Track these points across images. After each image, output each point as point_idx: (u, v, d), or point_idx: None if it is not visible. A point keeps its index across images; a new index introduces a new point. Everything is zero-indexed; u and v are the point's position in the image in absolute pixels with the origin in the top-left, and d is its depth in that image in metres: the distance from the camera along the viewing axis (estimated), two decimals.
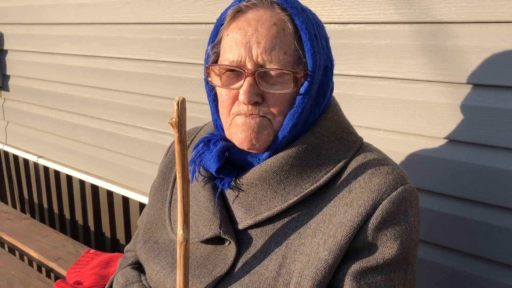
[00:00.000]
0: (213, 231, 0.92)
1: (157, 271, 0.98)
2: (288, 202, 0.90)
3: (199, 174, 0.97)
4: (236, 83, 0.90)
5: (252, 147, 0.92)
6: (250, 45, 0.87)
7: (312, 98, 0.91)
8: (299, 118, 0.90)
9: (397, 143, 1.35)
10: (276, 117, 0.90)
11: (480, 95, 1.19)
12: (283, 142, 0.91)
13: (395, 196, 0.87)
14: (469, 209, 1.23)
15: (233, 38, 0.89)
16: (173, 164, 1.12)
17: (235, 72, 0.90)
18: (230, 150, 0.94)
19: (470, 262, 1.25)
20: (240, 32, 0.88)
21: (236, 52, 0.88)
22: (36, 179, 3.10)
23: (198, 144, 0.98)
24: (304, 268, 0.85)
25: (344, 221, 0.86)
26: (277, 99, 0.89)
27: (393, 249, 0.86)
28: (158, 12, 2.01)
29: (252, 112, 0.89)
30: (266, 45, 0.87)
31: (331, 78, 0.96)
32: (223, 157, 0.93)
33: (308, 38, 0.88)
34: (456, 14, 1.19)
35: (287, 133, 0.90)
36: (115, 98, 2.31)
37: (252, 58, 0.87)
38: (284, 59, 0.87)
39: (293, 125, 0.90)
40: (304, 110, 0.90)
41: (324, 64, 0.93)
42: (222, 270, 0.91)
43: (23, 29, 2.83)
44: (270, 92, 0.88)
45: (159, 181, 1.13)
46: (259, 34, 0.87)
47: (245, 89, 0.87)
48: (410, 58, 1.28)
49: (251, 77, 0.87)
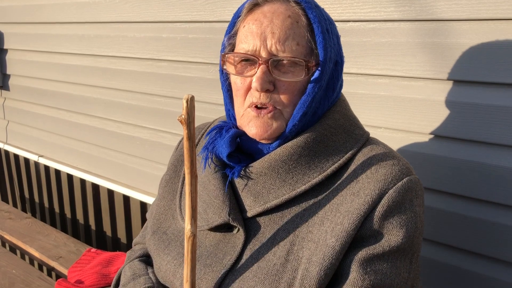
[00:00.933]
0: (222, 218, 0.94)
1: (167, 261, 1.00)
2: (296, 190, 0.92)
3: (212, 162, 1.00)
4: (250, 71, 0.94)
5: (263, 139, 0.96)
6: (265, 35, 0.91)
7: (322, 89, 0.94)
8: (309, 107, 0.93)
9: (397, 141, 1.35)
10: (287, 106, 0.93)
11: (481, 92, 1.19)
12: (293, 131, 0.94)
13: (400, 186, 0.89)
14: (471, 207, 1.23)
15: (249, 29, 0.94)
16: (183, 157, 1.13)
17: (249, 62, 0.94)
18: (242, 137, 0.97)
19: (472, 261, 1.25)
20: (256, 23, 0.93)
21: (252, 42, 0.92)
22: (37, 178, 3.10)
23: (211, 131, 1.02)
24: (312, 255, 0.87)
25: (351, 209, 0.88)
26: (288, 87, 0.92)
27: (399, 237, 0.87)
28: (159, 10, 2.00)
29: (264, 100, 0.92)
30: (280, 35, 0.91)
31: (341, 73, 0.99)
32: (235, 142, 0.96)
33: (320, 31, 0.92)
34: (456, 12, 1.19)
35: (297, 121, 0.93)
36: (116, 97, 2.31)
37: (266, 47, 0.91)
38: (297, 50, 0.91)
39: (303, 114, 0.93)
40: (314, 100, 0.93)
41: (334, 59, 0.96)
42: (232, 258, 0.93)
43: (23, 28, 2.83)
44: (282, 80, 0.92)
45: (170, 173, 1.15)
46: (274, 25, 0.91)
47: (258, 76, 0.91)
48: (411, 56, 1.28)
49: (265, 65, 0.91)
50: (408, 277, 0.90)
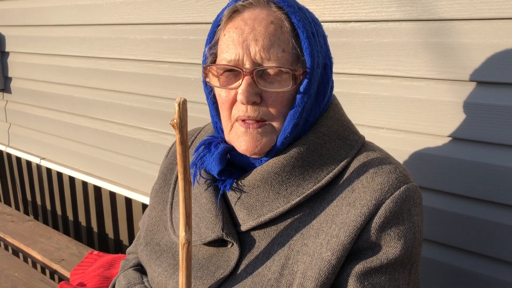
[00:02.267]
0: (215, 233, 0.91)
1: (158, 273, 0.98)
2: (290, 203, 0.89)
3: (200, 177, 0.97)
4: (234, 83, 0.89)
5: (254, 154, 0.92)
6: (248, 43, 0.86)
7: (312, 96, 0.91)
8: (300, 118, 0.89)
9: (400, 141, 1.34)
10: (276, 118, 0.89)
11: (484, 92, 1.18)
12: (285, 143, 0.90)
13: (398, 195, 0.86)
14: (474, 207, 1.23)
15: (230, 38, 0.88)
16: (173, 165, 1.11)
17: (233, 72, 0.89)
18: (232, 152, 0.94)
19: (476, 261, 1.24)
20: (237, 31, 0.88)
21: (234, 51, 0.87)
22: (39, 181, 3.10)
23: (199, 146, 0.98)
24: (307, 269, 0.84)
25: (347, 221, 0.85)
26: (276, 99, 0.88)
27: (397, 248, 0.85)
28: (159, 12, 2.00)
29: (252, 114, 0.88)
30: (264, 42, 0.86)
31: (331, 76, 0.95)
32: (225, 159, 0.93)
33: (306, 36, 0.87)
34: (458, 11, 1.18)
35: (288, 134, 0.89)
36: (117, 99, 2.30)
37: (250, 56, 0.86)
38: (282, 57, 0.86)
39: (294, 125, 0.89)
40: (304, 109, 0.89)
41: (323, 62, 0.92)
42: (224, 272, 0.90)
43: (25, 31, 2.83)
44: (269, 91, 0.87)
45: (160, 182, 1.12)
46: (257, 32, 0.86)
47: (243, 89, 0.86)
48: (413, 56, 1.28)
49: (249, 76, 0.87)
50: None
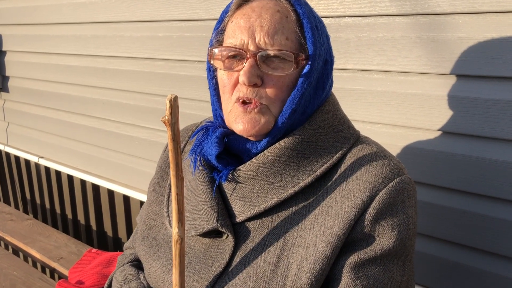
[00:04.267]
0: (210, 224, 0.92)
1: (156, 268, 0.98)
2: (285, 193, 0.90)
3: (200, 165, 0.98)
4: (238, 66, 0.92)
5: (251, 135, 0.93)
6: (253, 29, 0.90)
7: (312, 86, 0.92)
8: (299, 104, 0.91)
9: (395, 136, 1.34)
10: (274, 102, 0.91)
11: (478, 86, 1.17)
12: (282, 128, 0.91)
13: (392, 187, 0.87)
14: (469, 202, 1.23)
15: (237, 24, 0.92)
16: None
17: (237, 58, 0.92)
18: (229, 137, 0.95)
19: (471, 256, 1.24)
20: (244, 18, 0.91)
21: (239, 37, 0.90)
22: (38, 180, 3.11)
23: (197, 132, 0.99)
24: (302, 260, 0.85)
25: (341, 212, 0.86)
26: (277, 82, 0.90)
27: (391, 239, 0.86)
28: (154, 9, 2.00)
29: (251, 95, 0.90)
30: (269, 29, 0.89)
31: (331, 72, 0.97)
32: (223, 142, 0.94)
33: (310, 27, 0.91)
34: (452, 5, 1.17)
35: (286, 119, 0.90)
36: (114, 97, 2.30)
37: (254, 41, 0.89)
38: (286, 44, 0.89)
39: (292, 111, 0.90)
40: (303, 96, 0.91)
41: (324, 57, 0.94)
42: (221, 265, 0.91)
43: (21, 29, 2.83)
44: (271, 74, 0.89)
45: (158, 177, 1.13)
46: (263, 19, 0.90)
47: (245, 69, 0.89)
48: (407, 51, 1.27)
49: (253, 58, 0.89)
50: (401, 280, 0.88)
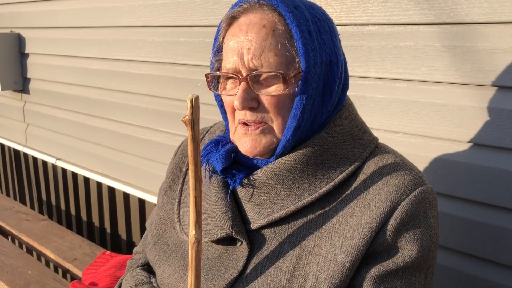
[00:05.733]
0: (224, 230, 0.91)
1: (168, 274, 0.97)
2: (302, 201, 0.88)
3: (209, 173, 0.97)
4: (234, 89, 0.91)
5: (255, 155, 0.92)
6: (242, 52, 0.87)
7: (315, 97, 0.89)
8: (301, 120, 0.88)
9: (416, 146, 1.32)
10: (275, 120, 0.89)
11: (503, 97, 1.16)
12: (287, 146, 0.89)
13: (413, 197, 0.85)
14: (492, 214, 1.20)
15: (228, 46, 0.90)
16: (182, 164, 1.12)
17: (233, 79, 0.91)
18: (238, 153, 0.94)
19: (492, 270, 1.21)
20: (233, 39, 0.89)
21: (231, 60, 0.89)
22: (54, 181, 3.13)
23: (208, 145, 0.99)
24: (320, 271, 0.83)
25: (361, 223, 0.84)
26: (271, 102, 0.88)
27: (413, 251, 0.84)
28: (177, 15, 2.02)
29: (250, 118, 0.89)
30: (255, 50, 0.86)
31: (338, 73, 0.92)
32: (230, 158, 0.93)
33: (300, 36, 0.86)
34: (478, 15, 1.16)
35: (290, 137, 0.88)
36: (133, 100, 2.32)
37: (244, 64, 0.88)
38: (275, 61, 0.86)
39: (295, 128, 0.88)
40: (304, 111, 0.87)
41: (327, 59, 0.90)
42: (234, 272, 0.89)
43: (44, 33, 2.88)
44: (264, 95, 0.88)
45: (169, 181, 1.12)
46: (249, 40, 0.87)
47: (238, 95, 0.87)
48: (431, 60, 1.26)
49: (245, 81, 0.87)
50: None
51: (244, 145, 0.91)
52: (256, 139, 0.90)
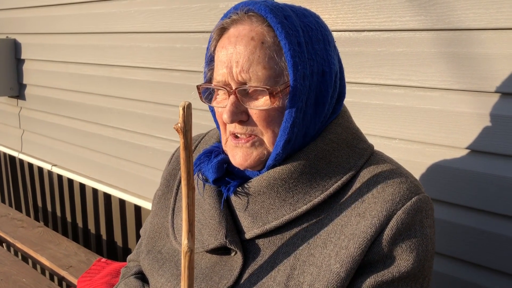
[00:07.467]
0: (218, 240, 0.89)
1: (161, 284, 0.96)
2: (297, 211, 0.87)
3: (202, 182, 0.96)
4: (224, 101, 0.90)
5: (246, 168, 0.91)
6: (231, 65, 0.86)
7: (303, 110, 0.87)
8: (291, 133, 0.86)
9: (413, 152, 1.32)
10: (265, 133, 0.88)
11: (499, 103, 1.16)
12: (277, 159, 0.89)
13: (410, 206, 0.84)
14: (489, 221, 1.20)
15: (219, 58, 0.89)
16: (176, 171, 1.11)
17: (224, 91, 0.90)
18: (230, 164, 0.94)
19: (490, 277, 1.21)
20: (223, 51, 0.88)
21: (221, 72, 0.88)
22: (50, 187, 3.12)
23: (201, 155, 0.98)
24: (315, 281, 0.82)
25: (357, 232, 0.83)
26: (260, 116, 0.87)
27: (409, 261, 0.83)
28: (172, 21, 2.01)
29: (240, 131, 0.88)
30: (243, 63, 0.85)
31: (331, 83, 0.90)
32: (222, 169, 0.93)
33: (288, 48, 0.84)
34: (474, 21, 1.16)
35: (280, 150, 0.87)
36: (129, 106, 2.31)
37: (233, 77, 0.87)
38: (263, 75, 0.85)
39: (285, 141, 0.86)
40: (295, 124, 0.86)
41: (319, 70, 0.88)
42: (228, 282, 0.88)
43: (40, 38, 2.87)
44: (253, 109, 0.87)
45: (163, 189, 1.11)
46: (237, 53, 0.86)
47: (227, 109, 0.87)
48: (427, 66, 1.26)
49: (234, 95, 0.87)
50: None
51: (235, 158, 0.90)
52: (247, 152, 0.89)
